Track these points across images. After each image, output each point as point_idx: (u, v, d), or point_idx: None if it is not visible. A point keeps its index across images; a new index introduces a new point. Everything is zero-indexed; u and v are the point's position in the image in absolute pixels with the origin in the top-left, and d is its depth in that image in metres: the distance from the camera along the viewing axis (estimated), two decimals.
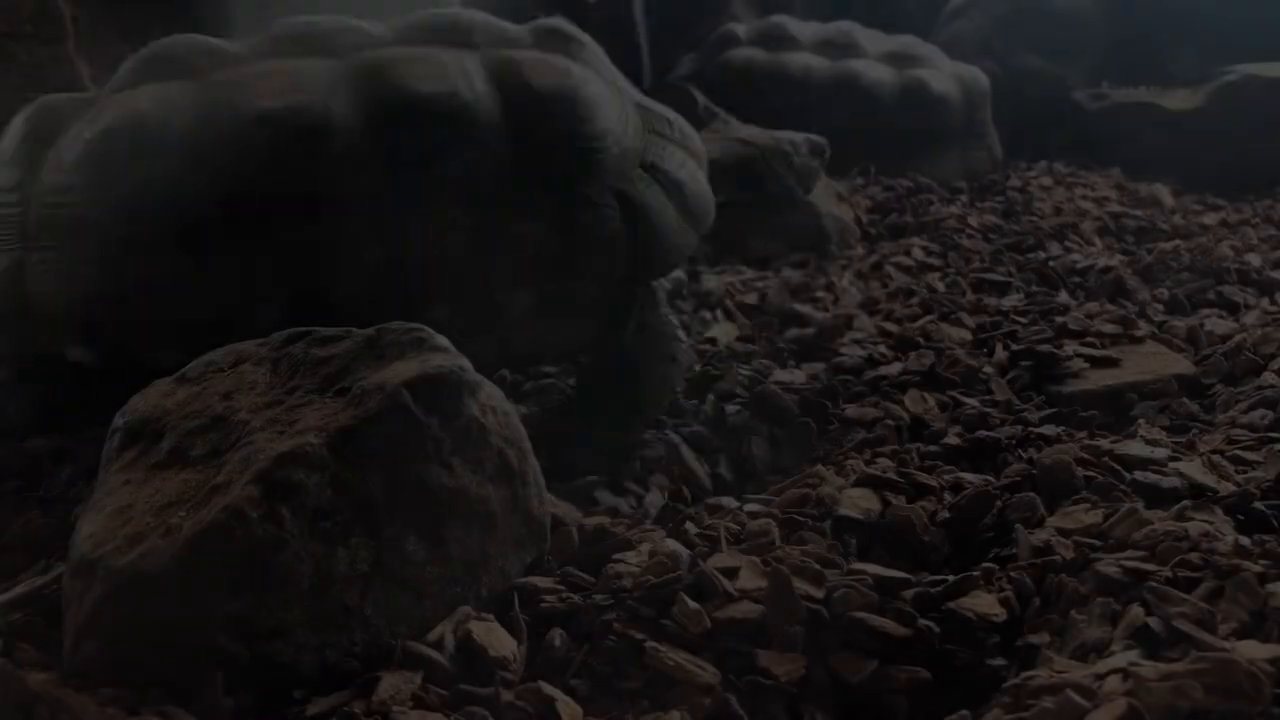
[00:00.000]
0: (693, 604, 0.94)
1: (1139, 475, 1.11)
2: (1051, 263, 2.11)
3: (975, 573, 0.98)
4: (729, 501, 1.21)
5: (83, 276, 1.15)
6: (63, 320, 1.16)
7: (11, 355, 1.17)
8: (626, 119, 1.34)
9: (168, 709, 0.86)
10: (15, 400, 1.26)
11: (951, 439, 1.33)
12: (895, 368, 1.59)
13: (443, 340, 1.07)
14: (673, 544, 1.05)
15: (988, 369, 1.55)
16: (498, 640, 0.94)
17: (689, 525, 1.11)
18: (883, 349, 1.66)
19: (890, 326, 1.78)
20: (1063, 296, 1.94)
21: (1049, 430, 1.32)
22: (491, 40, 1.31)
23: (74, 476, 1.36)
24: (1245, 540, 0.95)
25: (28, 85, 2.45)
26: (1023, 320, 1.76)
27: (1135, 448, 1.19)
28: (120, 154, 1.15)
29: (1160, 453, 1.17)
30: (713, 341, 1.76)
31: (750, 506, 1.16)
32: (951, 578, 0.98)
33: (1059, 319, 1.74)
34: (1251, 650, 0.78)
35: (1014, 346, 1.62)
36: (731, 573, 0.99)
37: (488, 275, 1.23)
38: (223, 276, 1.16)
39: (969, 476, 1.20)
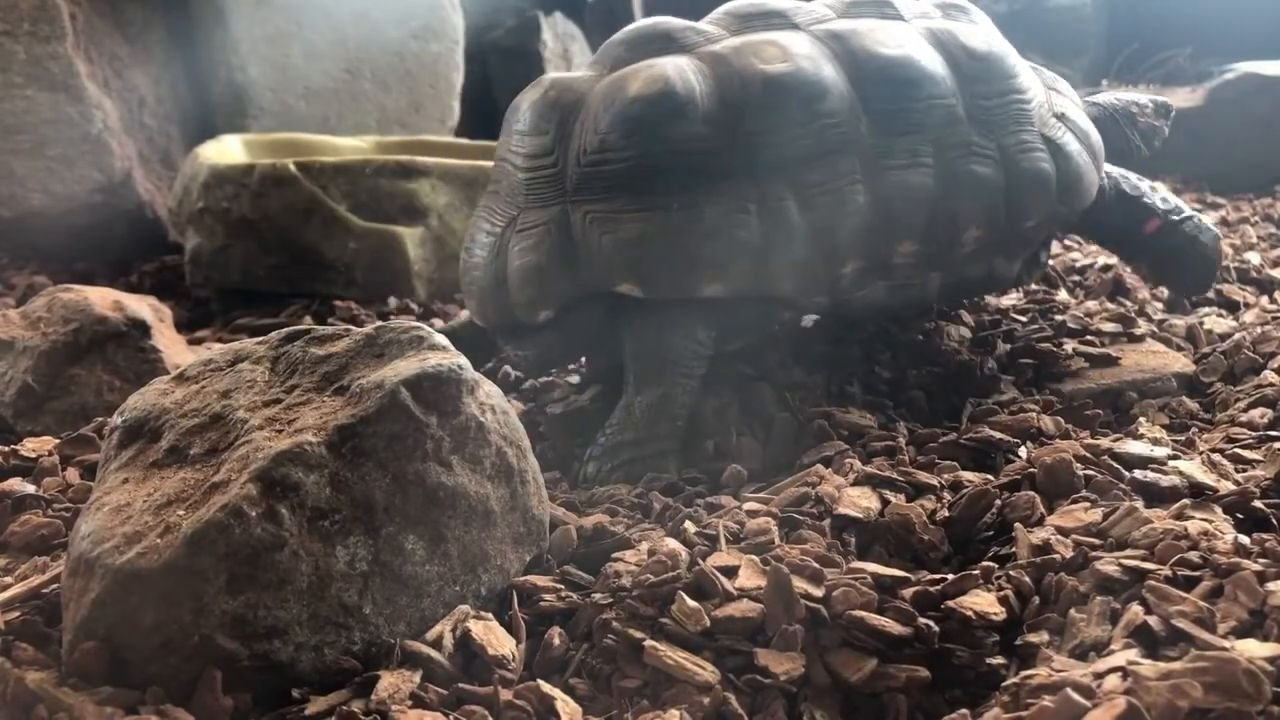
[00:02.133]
0: (692, 602, 0.94)
1: (1138, 474, 1.11)
2: (1050, 261, 2.11)
3: (975, 571, 0.98)
4: (728, 500, 1.21)
5: (629, 222, 1.32)
6: (610, 261, 1.32)
7: (561, 292, 1.35)
8: (1035, 75, 1.56)
9: (166, 708, 0.86)
10: (560, 336, 1.43)
11: (950, 437, 1.33)
12: (893, 366, 1.59)
13: (441, 339, 1.07)
14: (672, 542, 1.05)
15: (990, 366, 1.55)
16: (497, 639, 0.94)
17: (688, 524, 1.11)
18: (878, 345, 1.66)
19: (888, 324, 1.77)
20: (1062, 295, 1.94)
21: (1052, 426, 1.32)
22: (913, 13, 1.54)
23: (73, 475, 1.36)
24: (1244, 539, 0.95)
25: (27, 82, 2.46)
26: (1022, 319, 1.76)
27: (1135, 446, 1.19)
28: (657, 116, 1.33)
29: (1160, 451, 1.17)
30: None
31: (749, 505, 1.16)
32: (951, 576, 0.98)
33: (1058, 317, 1.74)
34: (1251, 649, 0.77)
35: (1013, 344, 1.62)
36: (731, 571, 0.99)
37: (950, 213, 1.42)
38: (749, 217, 1.33)
39: (968, 475, 1.20)
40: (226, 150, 2.49)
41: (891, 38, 1.43)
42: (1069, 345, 1.61)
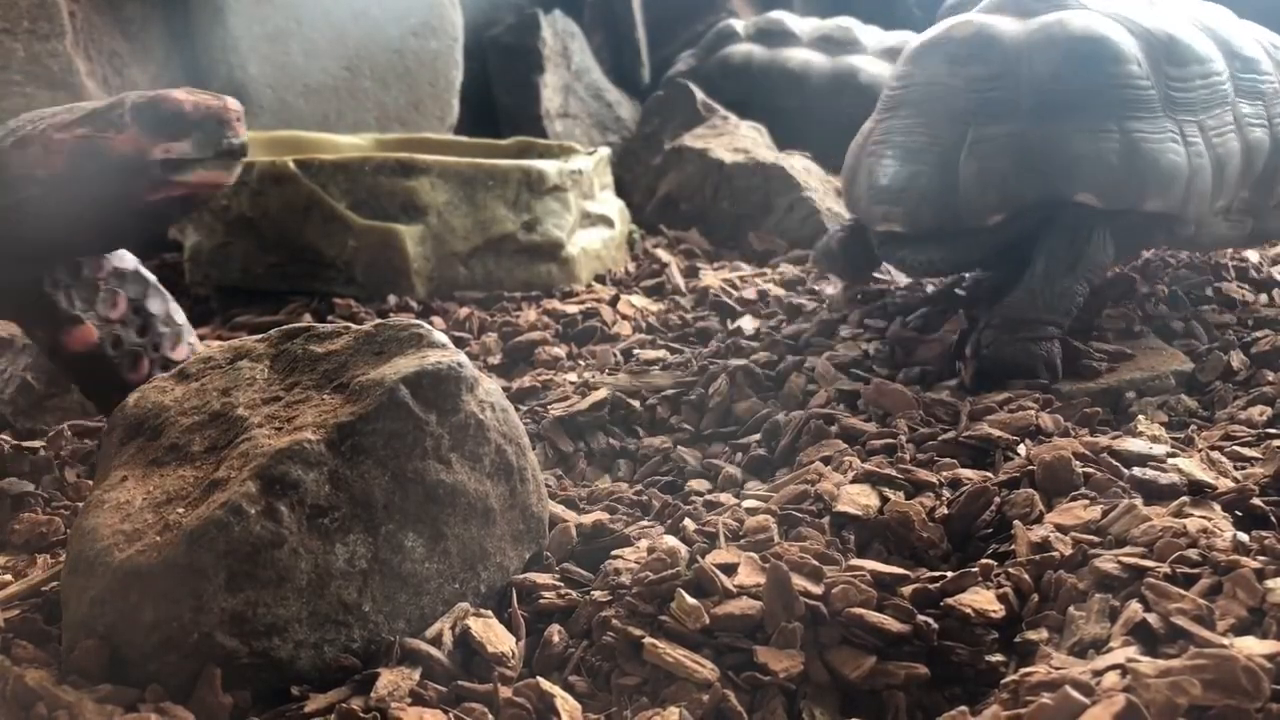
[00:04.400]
0: (691, 600, 0.94)
1: (1137, 471, 1.11)
2: None
3: (974, 569, 0.98)
4: (727, 497, 1.21)
5: (1085, 141, 1.55)
6: (1072, 172, 1.55)
7: (1020, 197, 1.56)
8: None
9: (165, 706, 0.86)
10: (984, 240, 1.63)
11: (950, 434, 1.33)
12: (890, 363, 1.59)
13: (440, 336, 1.07)
14: (671, 540, 1.05)
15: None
16: (496, 637, 0.94)
17: (687, 521, 1.11)
18: (877, 344, 1.66)
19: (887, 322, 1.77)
20: None
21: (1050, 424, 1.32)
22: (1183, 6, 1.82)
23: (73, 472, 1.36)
24: (1243, 536, 0.95)
25: (26, 80, 2.45)
26: None
27: (1134, 444, 1.19)
28: (1104, 54, 1.59)
29: (1159, 449, 1.17)
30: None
31: (749, 502, 1.16)
32: (950, 574, 0.98)
33: None
34: (1250, 646, 0.77)
35: None
36: (730, 569, 0.99)
37: (1274, 169, 1.73)
38: (1180, 147, 1.57)
39: (967, 472, 1.20)
40: None
41: (1234, 21, 1.76)
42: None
